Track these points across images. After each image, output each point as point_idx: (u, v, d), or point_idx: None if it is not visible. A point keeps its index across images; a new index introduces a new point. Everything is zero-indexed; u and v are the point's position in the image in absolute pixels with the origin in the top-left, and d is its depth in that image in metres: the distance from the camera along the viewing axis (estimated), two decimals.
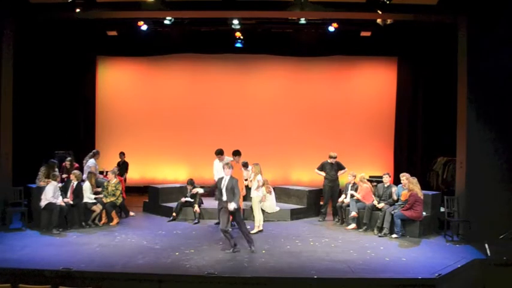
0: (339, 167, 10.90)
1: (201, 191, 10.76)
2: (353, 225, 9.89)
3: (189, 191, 10.75)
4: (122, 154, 13.24)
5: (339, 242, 8.70)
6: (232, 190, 7.81)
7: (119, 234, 9.06)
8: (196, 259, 7.36)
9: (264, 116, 14.72)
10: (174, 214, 10.56)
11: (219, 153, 9.97)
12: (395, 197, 9.46)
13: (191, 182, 10.87)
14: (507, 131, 8.99)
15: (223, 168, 8.08)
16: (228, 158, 9.79)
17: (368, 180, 10.56)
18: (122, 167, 12.81)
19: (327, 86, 14.80)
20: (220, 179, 8.07)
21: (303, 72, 14.80)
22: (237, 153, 9.87)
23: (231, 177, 7.94)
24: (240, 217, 8.17)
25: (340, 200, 10.54)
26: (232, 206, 7.73)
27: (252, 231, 9.14)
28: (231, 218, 8.03)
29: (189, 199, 10.62)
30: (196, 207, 10.42)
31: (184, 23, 12.78)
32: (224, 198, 7.90)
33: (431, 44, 12.76)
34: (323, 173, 10.92)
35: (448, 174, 12.08)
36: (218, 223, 8.68)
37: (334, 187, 10.87)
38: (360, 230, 9.72)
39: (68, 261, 6.89)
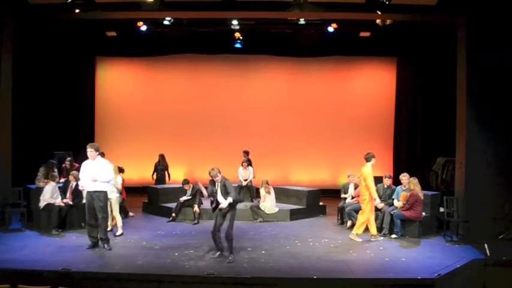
0: None
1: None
2: (350, 222, 9.87)
3: (188, 190, 10.74)
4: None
5: (338, 242, 8.69)
6: (225, 191, 7.39)
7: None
8: (195, 259, 7.36)
9: (263, 116, 14.73)
10: (173, 214, 10.56)
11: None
12: (397, 204, 9.38)
13: (187, 181, 10.86)
14: (506, 131, 9.00)
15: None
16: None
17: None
18: None
19: (326, 87, 14.81)
20: (212, 185, 7.55)
21: (302, 73, 14.81)
22: (372, 155, 9.08)
23: (221, 180, 7.49)
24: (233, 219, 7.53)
25: (343, 196, 10.58)
26: (225, 203, 7.26)
27: (117, 234, 8.88)
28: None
29: (188, 197, 10.61)
30: (196, 208, 10.41)
31: (184, 24, 12.78)
32: (223, 204, 7.38)
33: (431, 44, 12.77)
34: None
35: (448, 175, 12.08)
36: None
37: None
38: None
39: (67, 262, 6.88)
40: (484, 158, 9.01)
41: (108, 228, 8.75)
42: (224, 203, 7.32)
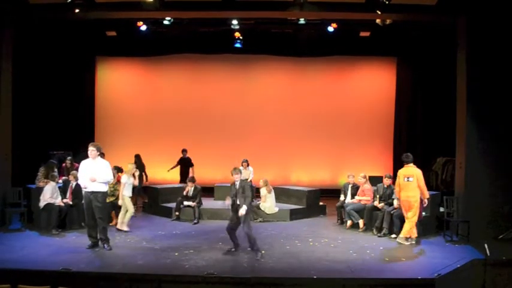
0: None
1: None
2: (350, 222, 9.88)
3: (190, 189, 10.74)
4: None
5: (338, 242, 8.70)
6: (242, 192, 7.62)
7: (119, 235, 9.06)
8: (195, 259, 7.36)
9: (263, 116, 14.74)
10: (176, 213, 10.58)
11: None
12: (396, 204, 9.37)
13: (192, 180, 10.89)
14: (506, 131, 9.00)
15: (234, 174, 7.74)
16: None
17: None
18: None
19: (326, 86, 14.82)
20: (232, 185, 7.83)
21: (302, 73, 14.82)
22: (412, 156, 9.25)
23: (241, 181, 7.74)
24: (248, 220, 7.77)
25: (341, 199, 10.55)
26: (242, 210, 7.50)
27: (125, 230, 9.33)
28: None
29: (188, 203, 10.61)
30: (194, 203, 10.46)
31: (184, 23, 12.77)
32: (238, 201, 7.68)
33: (431, 44, 12.77)
34: None
35: (448, 174, 12.08)
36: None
37: None
38: (359, 230, 9.71)
39: (67, 262, 6.88)
40: (484, 158, 9.01)
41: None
42: (241, 209, 7.50)
